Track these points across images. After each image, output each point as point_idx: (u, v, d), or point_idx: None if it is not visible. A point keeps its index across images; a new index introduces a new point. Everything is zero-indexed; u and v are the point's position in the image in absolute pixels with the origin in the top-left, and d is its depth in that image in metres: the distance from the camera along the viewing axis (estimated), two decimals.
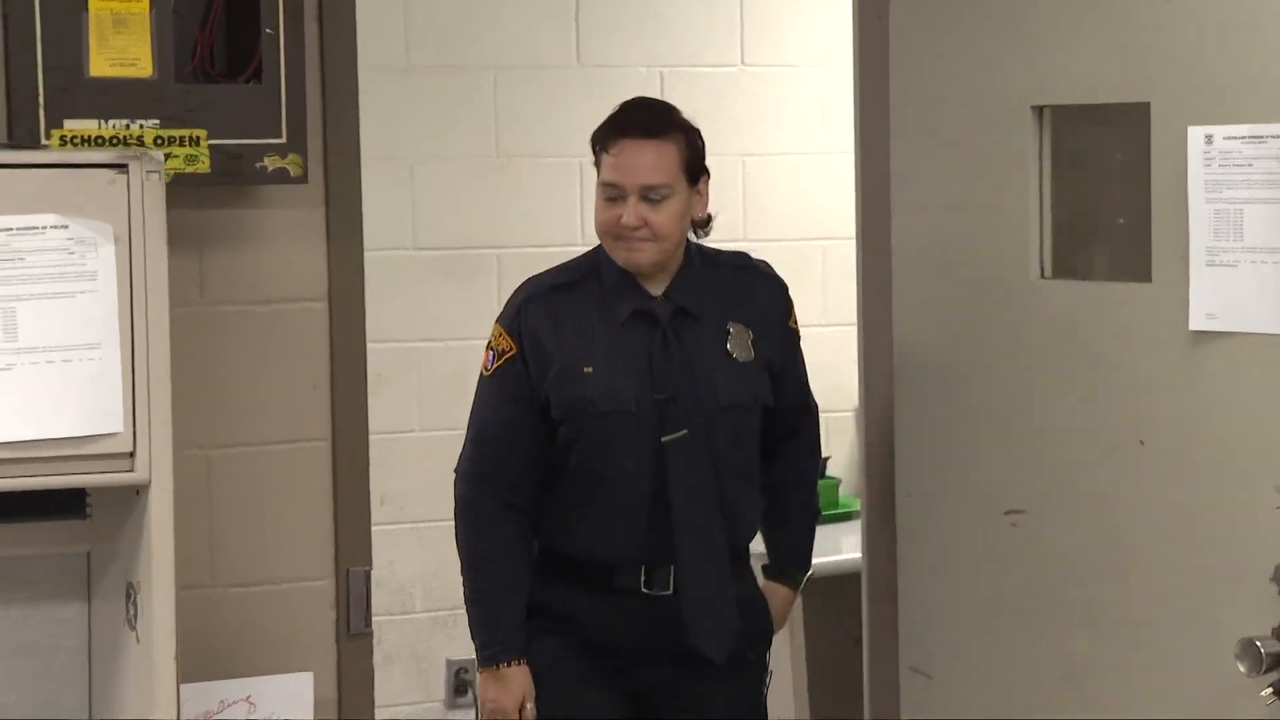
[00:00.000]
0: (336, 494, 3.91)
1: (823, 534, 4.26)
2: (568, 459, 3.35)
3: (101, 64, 3.53)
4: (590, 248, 3.50)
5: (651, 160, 3.22)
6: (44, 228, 3.19)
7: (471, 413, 3.41)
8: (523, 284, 3.42)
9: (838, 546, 4.45)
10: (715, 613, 3.31)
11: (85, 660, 3.57)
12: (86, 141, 3.53)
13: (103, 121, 3.54)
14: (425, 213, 4.41)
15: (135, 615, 3.33)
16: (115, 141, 3.54)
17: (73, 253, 3.20)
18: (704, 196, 3.32)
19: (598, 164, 3.28)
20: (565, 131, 4.57)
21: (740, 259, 3.45)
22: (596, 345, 3.31)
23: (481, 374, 3.38)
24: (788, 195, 4.97)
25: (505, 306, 3.42)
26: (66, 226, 3.20)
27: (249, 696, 3.78)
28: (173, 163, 3.50)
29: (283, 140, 3.65)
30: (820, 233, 4.96)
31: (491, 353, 3.35)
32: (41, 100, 3.51)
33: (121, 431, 3.16)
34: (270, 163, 3.65)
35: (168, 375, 3.24)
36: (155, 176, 3.23)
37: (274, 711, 3.82)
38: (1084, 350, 3.13)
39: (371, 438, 3.97)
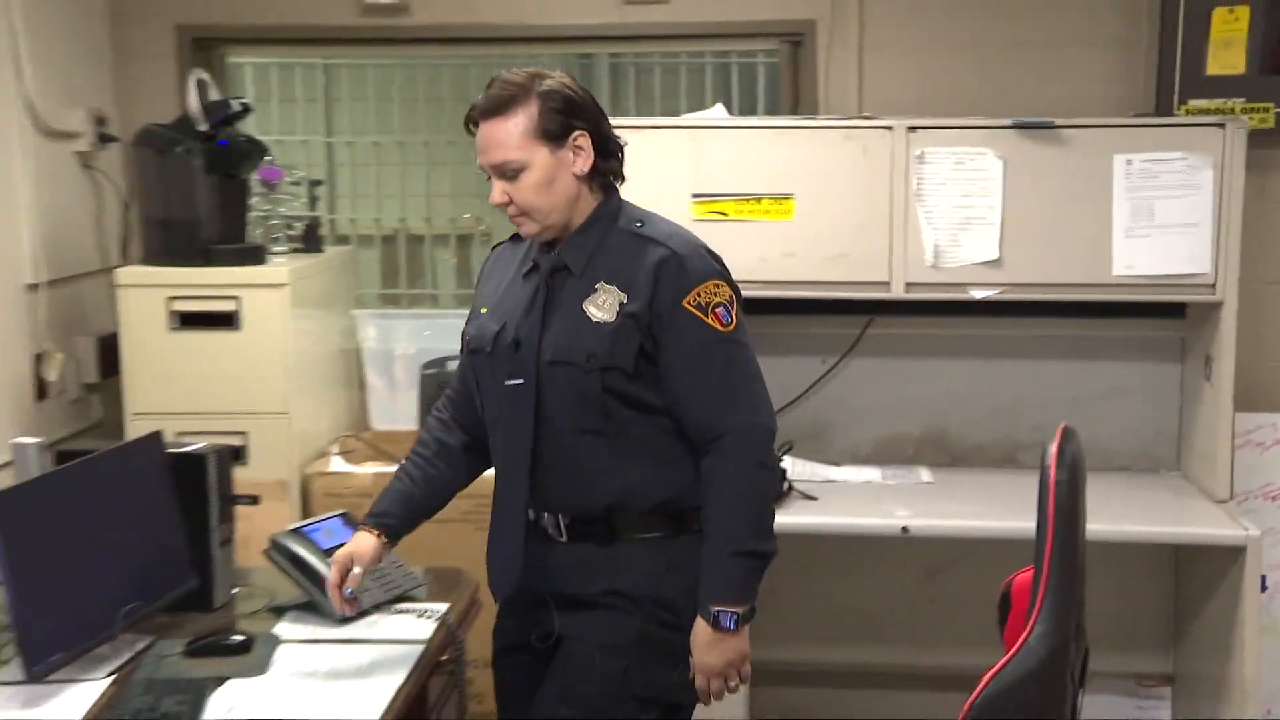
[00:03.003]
0: None
1: None
2: None
3: (1215, 66, 4.42)
4: None
5: (496, 137, 2.81)
6: (1172, 159, 4.11)
7: None
8: None
9: None
10: (498, 562, 2.96)
11: (1177, 398, 4.55)
12: (1201, 111, 4.39)
13: (1209, 100, 4.45)
14: None
15: (1209, 373, 4.28)
16: (1217, 111, 4.38)
17: (1187, 173, 4.10)
18: (586, 151, 2.85)
19: None
20: None
21: (648, 229, 2.89)
22: (500, 291, 2.98)
23: None
24: None
25: None
26: (1185, 158, 4.11)
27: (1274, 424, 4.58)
28: (1251, 123, 4.22)
29: None
30: None
31: None
32: (1176, 89, 4.45)
33: (1207, 271, 4.10)
34: None
35: (1239, 236, 4.03)
36: (1240, 131, 4.08)
37: None
38: None
39: None
